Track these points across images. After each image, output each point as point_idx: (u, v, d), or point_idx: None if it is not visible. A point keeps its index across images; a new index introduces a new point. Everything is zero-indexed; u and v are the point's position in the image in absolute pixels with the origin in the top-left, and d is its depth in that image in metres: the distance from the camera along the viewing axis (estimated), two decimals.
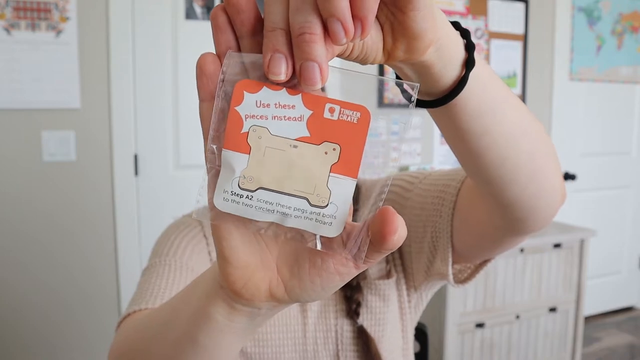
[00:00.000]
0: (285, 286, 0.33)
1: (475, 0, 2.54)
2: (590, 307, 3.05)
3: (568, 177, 2.89)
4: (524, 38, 2.69)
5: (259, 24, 0.29)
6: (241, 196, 0.30)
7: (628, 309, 3.24)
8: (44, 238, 1.91)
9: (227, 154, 0.30)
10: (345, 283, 0.34)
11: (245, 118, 0.29)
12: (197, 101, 0.33)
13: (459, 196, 0.62)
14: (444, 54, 0.34)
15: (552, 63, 2.79)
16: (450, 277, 0.65)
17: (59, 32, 1.84)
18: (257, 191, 0.30)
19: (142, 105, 2.00)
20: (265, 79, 0.29)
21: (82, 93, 1.90)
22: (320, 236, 0.31)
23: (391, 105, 2.40)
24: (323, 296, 0.34)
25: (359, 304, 0.74)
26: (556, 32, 2.76)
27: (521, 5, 2.65)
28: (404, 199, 0.72)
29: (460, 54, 0.36)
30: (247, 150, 0.29)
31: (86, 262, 1.97)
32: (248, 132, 0.29)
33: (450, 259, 0.64)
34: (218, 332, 0.36)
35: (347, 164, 0.30)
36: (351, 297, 0.75)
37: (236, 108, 0.29)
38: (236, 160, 0.29)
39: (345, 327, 0.74)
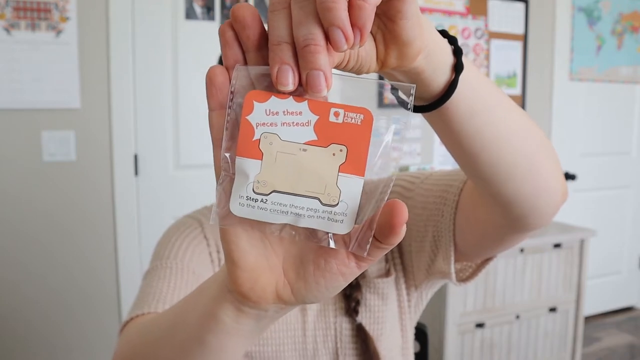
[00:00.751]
0: (291, 288, 0.34)
1: (475, 0, 2.55)
2: (590, 307, 3.05)
3: (568, 177, 2.89)
4: (524, 38, 2.69)
5: (264, 38, 0.31)
6: (256, 200, 0.31)
7: (628, 309, 3.24)
8: (44, 238, 1.91)
9: (240, 161, 0.31)
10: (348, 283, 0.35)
11: (256, 126, 0.31)
12: (197, 101, 0.33)
13: (461, 196, 0.62)
14: (433, 60, 0.37)
15: (552, 63, 2.79)
16: (453, 275, 0.66)
17: (59, 32, 1.84)
18: (271, 194, 0.31)
19: (142, 105, 2.00)
20: (272, 89, 0.31)
21: (82, 93, 1.90)
22: (333, 234, 0.32)
23: (391, 105, 2.40)
24: (327, 296, 0.35)
25: (358, 302, 0.74)
26: (556, 32, 2.77)
27: (521, 5, 2.65)
28: (405, 199, 0.73)
29: (448, 59, 0.38)
30: (260, 156, 0.31)
31: (86, 262, 1.97)
32: (259, 139, 0.31)
33: (452, 258, 0.65)
34: (225, 334, 0.37)
35: (354, 163, 0.31)
36: (350, 295, 0.75)
37: (247, 117, 0.31)
38: (249, 167, 0.31)
39: (345, 325, 0.75)
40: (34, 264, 1.91)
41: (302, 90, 0.30)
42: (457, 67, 0.39)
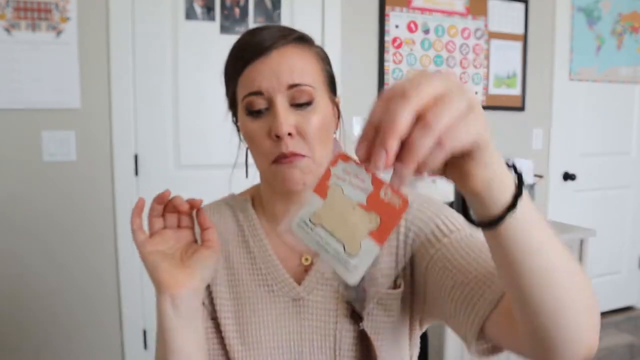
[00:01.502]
0: (189, 270, 0.65)
1: (475, 0, 2.54)
2: None
3: (568, 177, 2.88)
4: (524, 38, 2.69)
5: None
6: (307, 226, 0.42)
7: (628, 309, 3.23)
8: (44, 238, 1.91)
9: (312, 194, 0.42)
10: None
11: (333, 176, 0.42)
12: (197, 101, 0.34)
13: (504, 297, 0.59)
14: (492, 189, 0.42)
15: (552, 63, 2.79)
16: (473, 347, 0.62)
17: (59, 32, 1.85)
18: (317, 227, 0.42)
19: (142, 105, 2.00)
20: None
21: (82, 93, 1.90)
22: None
23: None
24: (214, 264, 0.68)
25: (362, 308, 0.73)
26: (556, 32, 2.77)
27: (521, 5, 2.65)
28: (435, 249, 0.70)
29: (509, 190, 0.43)
30: (325, 197, 0.42)
31: (86, 262, 1.97)
32: (330, 186, 0.42)
33: (476, 335, 0.61)
34: (172, 324, 0.65)
35: (380, 234, 0.40)
36: (355, 301, 0.73)
37: (331, 168, 0.42)
38: (316, 201, 0.42)
39: (345, 332, 0.73)
40: (34, 264, 1.91)
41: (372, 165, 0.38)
42: (513, 204, 0.43)
